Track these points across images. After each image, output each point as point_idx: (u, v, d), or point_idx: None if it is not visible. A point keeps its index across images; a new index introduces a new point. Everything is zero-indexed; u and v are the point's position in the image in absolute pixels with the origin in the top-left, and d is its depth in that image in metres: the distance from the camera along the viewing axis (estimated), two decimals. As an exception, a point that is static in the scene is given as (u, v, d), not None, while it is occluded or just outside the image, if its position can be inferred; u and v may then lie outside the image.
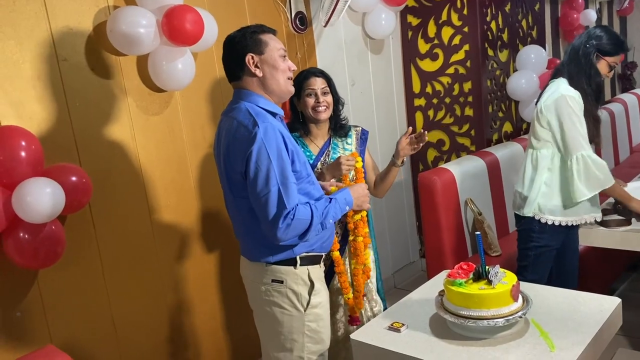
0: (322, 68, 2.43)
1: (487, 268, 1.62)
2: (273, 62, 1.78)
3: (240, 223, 1.85)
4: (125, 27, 2.06)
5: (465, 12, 3.48)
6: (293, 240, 1.75)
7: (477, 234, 1.72)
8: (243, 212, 1.80)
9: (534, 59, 3.62)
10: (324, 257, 1.94)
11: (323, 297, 1.90)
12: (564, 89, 2.32)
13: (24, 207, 1.75)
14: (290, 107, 2.33)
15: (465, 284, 1.61)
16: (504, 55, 3.76)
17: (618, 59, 2.39)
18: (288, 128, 1.98)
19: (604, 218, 2.45)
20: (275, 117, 1.80)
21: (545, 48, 4.24)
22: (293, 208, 1.66)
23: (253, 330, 2.02)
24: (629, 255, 3.23)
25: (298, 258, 1.82)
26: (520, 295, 1.63)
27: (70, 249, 2.05)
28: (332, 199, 1.81)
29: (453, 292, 1.61)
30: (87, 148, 2.16)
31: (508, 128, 3.87)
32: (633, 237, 2.39)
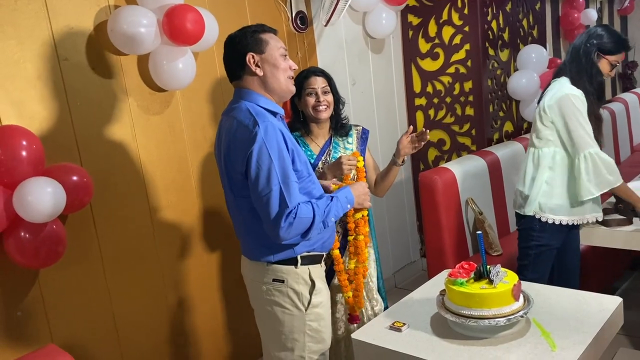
0: (322, 67, 2.42)
1: (488, 267, 1.62)
2: (274, 61, 1.78)
3: (241, 223, 1.85)
4: (126, 26, 2.06)
5: (466, 11, 3.48)
6: (295, 239, 1.74)
7: (478, 233, 1.72)
8: (244, 211, 1.80)
9: (535, 59, 3.62)
10: (325, 256, 1.94)
11: (324, 296, 1.90)
12: (568, 89, 2.32)
13: (25, 206, 1.75)
14: (291, 106, 2.33)
15: (467, 284, 1.61)
16: (505, 55, 3.76)
17: (619, 58, 2.39)
18: (289, 127, 1.97)
19: (605, 217, 2.45)
20: (276, 116, 1.80)
21: (546, 47, 4.25)
22: (295, 207, 1.66)
23: (254, 330, 2.02)
24: (630, 255, 3.23)
25: (299, 257, 1.82)
26: (522, 295, 1.63)
27: (71, 249, 2.06)
28: (333, 197, 1.81)
29: (454, 291, 1.61)
30: (88, 148, 2.16)
31: (509, 127, 3.87)
32: (634, 236, 2.39)
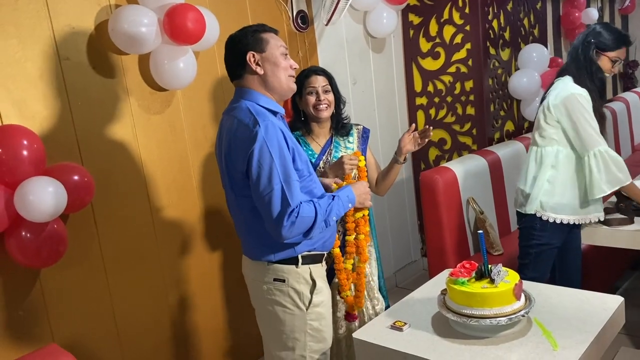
0: (323, 67, 2.42)
1: (489, 267, 1.62)
2: (274, 59, 1.78)
3: (242, 222, 1.85)
4: (127, 26, 2.06)
5: (467, 10, 3.47)
6: (297, 238, 1.74)
7: (479, 233, 1.72)
8: (245, 211, 1.79)
9: (536, 58, 3.62)
10: (326, 255, 1.94)
11: (325, 295, 1.90)
12: (573, 88, 2.32)
13: (26, 206, 1.75)
14: (292, 105, 2.33)
15: (468, 283, 1.61)
16: (506, 54, 3.75)
17: (620, 54, 2.37)
18: (290, 127, 1.97)
19: (607, 217, 2.44)
20: (276, 115, 1.80)
21: (547, 47, 4.25)
22: (297, 206, 1.66)
23: (255, 329, 2.02)
24: (632, 254, 3.22)
25: (300, 257, 1.82)
26: (523, 294, 1.63)
27: (73, 248, 2.06)
28: (335, 197, 1.80)
29: (455, 290, 1.61)
30: (89, 147, 2.16)
31: (510, 127, 3.86)
32: (636, 236, 2.39)
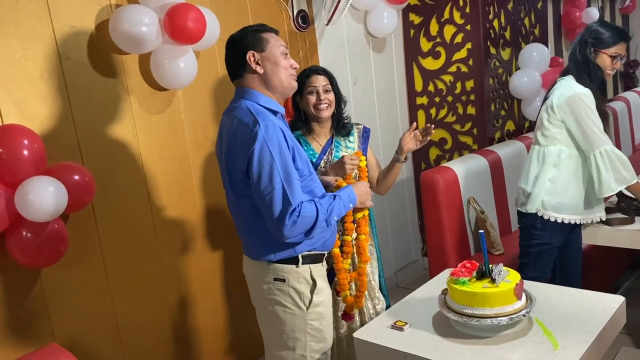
0: (324, 66, 2.42)
1: (490, 266, 1.62)
2: (274, 58, 1.78)
3: (242, 222, 1.85)
4: (128, 25, 2.06)
5: (468, 10, 3.47)
6: (298, 238, 1.74)
7: (480, 232, 1.72)
8: (245, 210, 1.79)
9: (537, 57, 3.61)
10: (327, 255, 1.94)
11: (325, 295, 1.90)
12: (577, 87, 2.31)
13: (27, 205, 1.75)
14: (293, 105, 2.32)
15: (469, 283, 1.61)
16: (507, 54, 3.75)
17: (619, 49, 2.35)
18: (290, 126, 1.97)
19: (607, 217, 2.44)
20: (276, 115, 1.79)
21: (548, 46, 4.24)
22: (298, 205, 1.66)
23: (255, 329, 2.02)
24: (632, 254, 3.22)
25: (300, 257, 1.82)
26: (524, 294, 1.63)
27: (73, 248, 2.06)
28: (336, 196, 1.80)
29: (456, 290, 1.60)
30: (89, 147, 2.16)
31: (510, 126, 3.86)
32: (637, 235, 2.38)
